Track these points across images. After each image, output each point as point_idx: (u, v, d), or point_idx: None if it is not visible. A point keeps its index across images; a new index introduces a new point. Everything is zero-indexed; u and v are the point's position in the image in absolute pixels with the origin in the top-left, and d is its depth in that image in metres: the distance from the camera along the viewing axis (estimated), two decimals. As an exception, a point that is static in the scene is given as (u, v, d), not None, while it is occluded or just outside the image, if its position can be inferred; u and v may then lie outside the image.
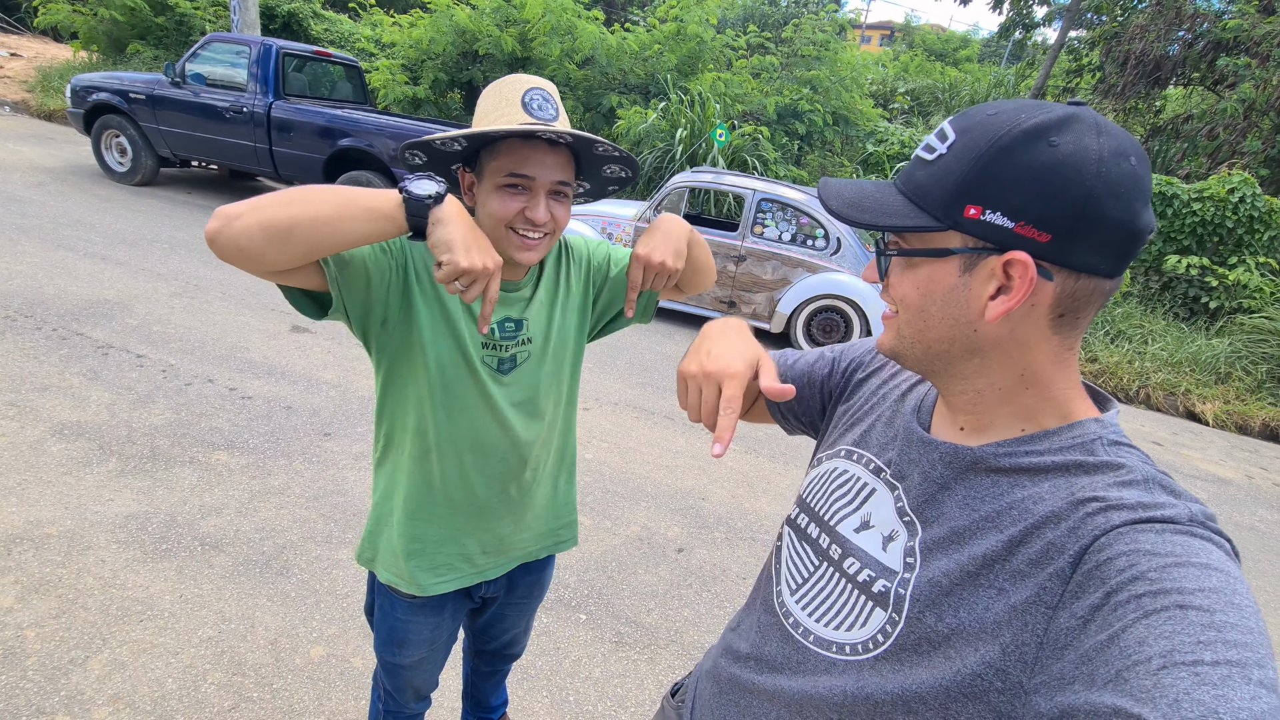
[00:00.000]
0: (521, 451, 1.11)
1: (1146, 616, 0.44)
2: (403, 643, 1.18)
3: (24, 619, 1.83)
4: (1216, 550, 0.48)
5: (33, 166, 6.48)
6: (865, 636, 0.60)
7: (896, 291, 0.60)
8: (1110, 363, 5.83)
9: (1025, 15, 13.78)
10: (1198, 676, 0.40)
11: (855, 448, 0.72)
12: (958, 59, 22.91)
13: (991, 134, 0.53)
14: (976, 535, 0.56)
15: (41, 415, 2.73)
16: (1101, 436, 0.56)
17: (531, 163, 0.92)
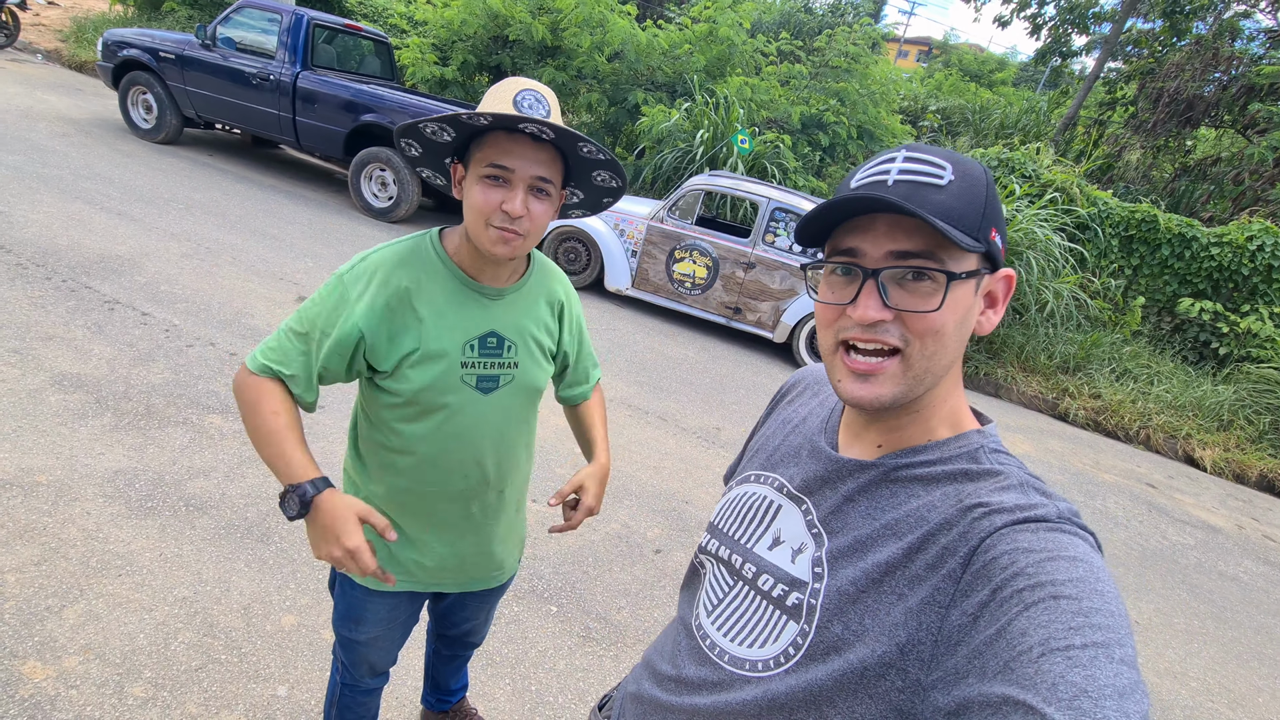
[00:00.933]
0: (487, 472, 1.13)
1: (1027, 609, 0.48)
2: (359, 620, 1.21)
3: (5, 563, 1.87)
4: (1082, 544, 0.53)
5: (59, 116, 6.55)
6: (778, 651, 0.62)
7: (943, 319, 0.58)
8: (1113, 400, 5.79)
9: (1063, 43, 13.64)
10: (1070, 660, 0.45)
11: (762, 470, 0.76)
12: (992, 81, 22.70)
13: (977, 165, 0.60)
14: (878, 543, 0.60)
15: (43, 364, 2.77)
16: (984, 445, 0.62)
17: (512, 155, 0.93)
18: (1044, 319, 6.40)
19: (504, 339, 1.08)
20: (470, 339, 1.04)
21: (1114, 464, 5.00)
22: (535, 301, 1.13)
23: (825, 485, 0.66)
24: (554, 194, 0.99)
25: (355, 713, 1.40)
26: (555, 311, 1.17)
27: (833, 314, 0.62)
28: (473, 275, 1.05)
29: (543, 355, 1.14)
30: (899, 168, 0.58)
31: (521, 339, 1.10)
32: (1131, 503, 4.34)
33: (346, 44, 6.83)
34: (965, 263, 0.58)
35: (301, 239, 5.06)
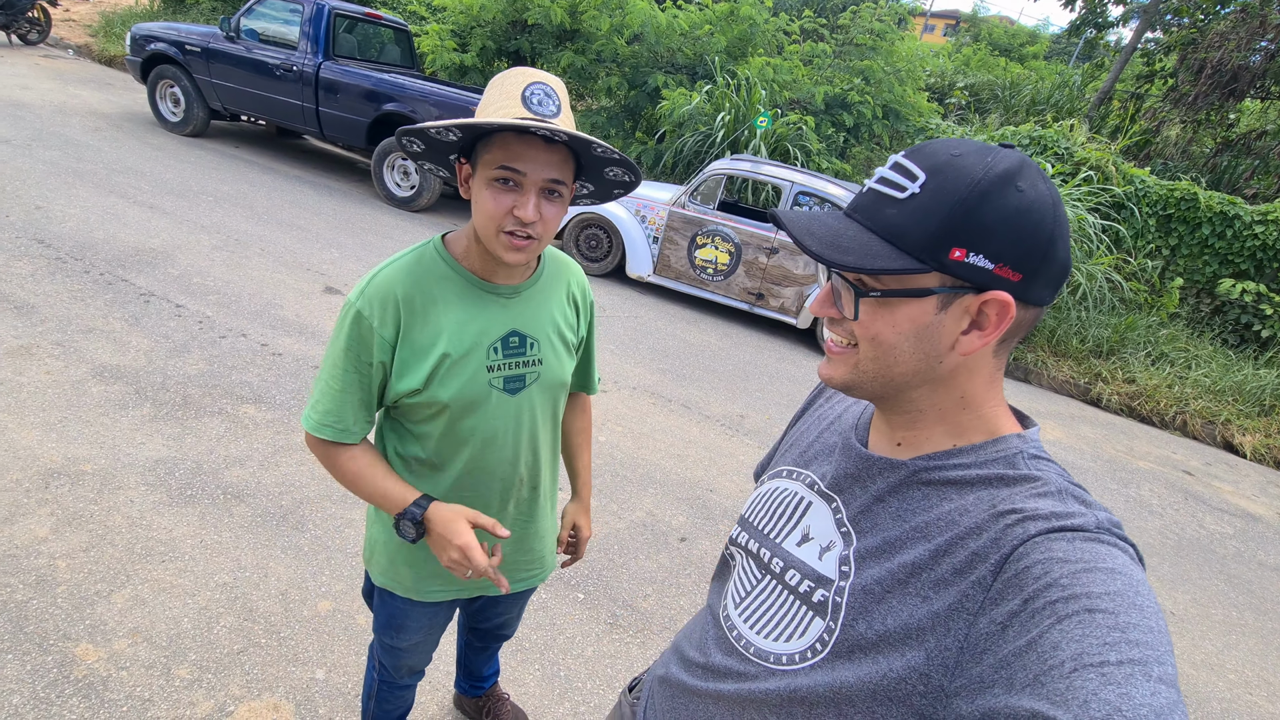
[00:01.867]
0: (521, 471, 1.14)
1: (1060, 622, 0.47)
2: (400, 628, 1.23)
3: (57, 549, 1.95)
4: (1121, 555, 0.51)
5: (91, 111, 6.69)
6: (804, 646, 0.63)
7: (868, 330, 0.60)
8: (1148, 385, 5.64)
9: (1098, 13, 13.13)
10: (1104, 677, 0.43)
11: (794, 466, 0.76)
12: (1023, 55, 21.96)
13: (968, 177, 0.55)
14: (906, 545, 0.59)
15: (85, 356, 2.86)
16: (1022, 451, 0.60)
17: (524, 158, 0.89)
18: (1076, 302, 6.23)
19: (526, 337, 1.06)
20: (493, 341, 1.03)
21: (1149, 450, 4.88)
22: (552, 295, 1.11)
23: (855, 483, 0.66)
24: (566, 194, 0.96)
25: (392, 704, 1.44)
26: (573, 303, 1.17)
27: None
28: (485, 277, 1.03)
29: (565, 349, 1.14)
30: (878, 175, 0.60)
31: (543, 335, 1.09)
32: (1167, 490, 4.24)
33: (367, 32, 6.85)
34: (910, 281, 0.57)
35: (327, 229, 5.12)
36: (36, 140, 5.41)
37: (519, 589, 1.29)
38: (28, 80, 7.26)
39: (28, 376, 2.65)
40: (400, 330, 0.98)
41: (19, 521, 2.01)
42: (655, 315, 5.16)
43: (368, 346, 0.98)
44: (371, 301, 0.97)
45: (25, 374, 2.66)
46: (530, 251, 0.96)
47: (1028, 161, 0.56)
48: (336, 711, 1.69)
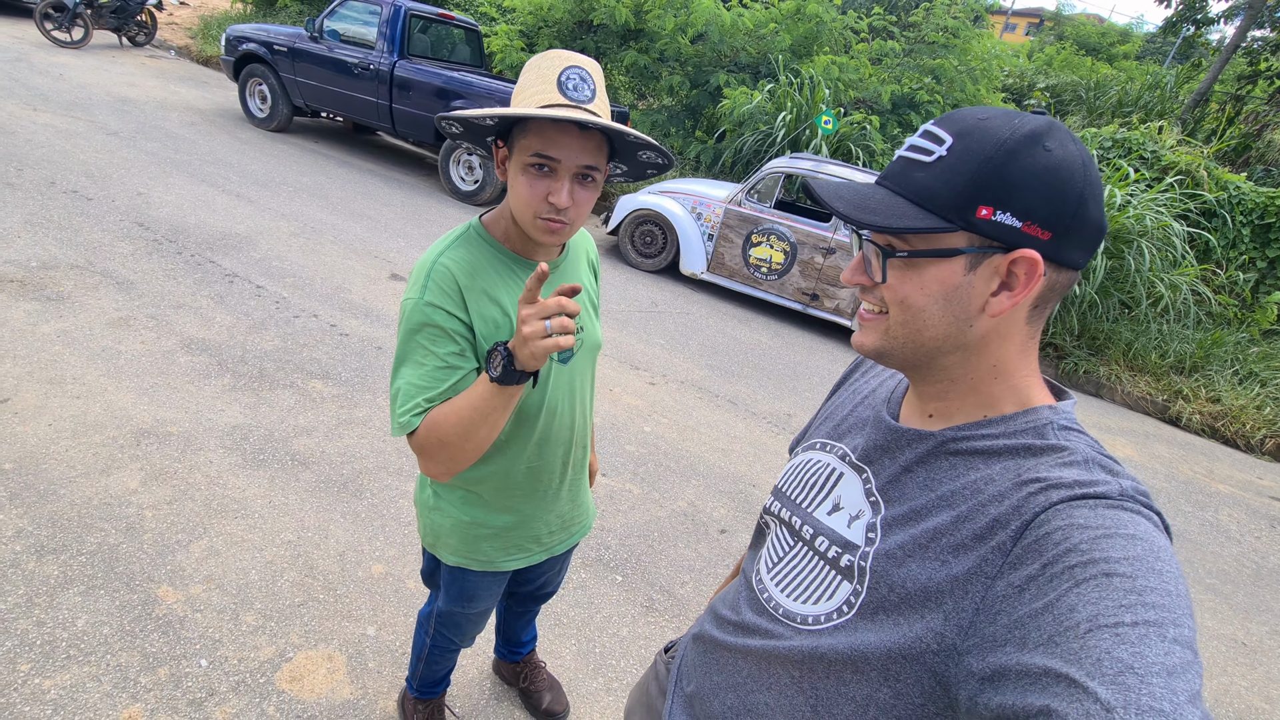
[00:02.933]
0: (575, 433, 1.20)
1: (1077, 585, 0.47)
2: (472, 598, 1.31)
3: (145, 500, 2.13)
4: (1144, 522, 0.51)
5: (188, 107, 7.21)
6: (831, 608, 0.65)
7: (896, 293, 0.60)
8: (1234, 405, 5.26)
9: (1197, 9, 12.27)
10: (1118, 636, 0.43)
11: (827, 439, 0.78)
12: (1113, 55, 20.75)
13: (995, 138, 0.55)
14: (931, 513, 0.60)
15: (175, 329, 3.10)
16: (1053, 421, 0.60)
17: (559, 145, 0.90)
18: (1156, 314, 5.87)
19: None
20: None
21: (1230, 474, 4.56)
22: (579, 263, 1.18)
23: (884, 454, 0.68)
24: (599, 178, 0.97)
25: (442, 664, 1.53)
26: (591, 268, 1.24)
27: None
28: (527, 255, 1.06)
29: (594, 312, 1.22)
30: (908, 143, 0.61)
31: (580, 302, 1.14)
32: (1248, 516, 3.95)
33: (440, 33, 7.12)
34: (938, 241, 0.57)
35: (395, 220, 5.36)
36: (140, 133, 5.87)
37: (574, 542, 1.36)
38: (135, 78, 7.88)
39: (125, 345, 2.90)
40: (468, 312, 0.99)
41: (114, 474, 2.21)
42: (707, 312, 5.16)
43: (454, 331, 0.97)
44: (436, 292, 0.97)
45: (124, 343, 2.91)
46: (564, 234, 0.98)
47: (1056, 124, 0.56)
48: (384, 666, 1.79)
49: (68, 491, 2.10)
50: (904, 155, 0.61)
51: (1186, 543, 3.48)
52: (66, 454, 2.24)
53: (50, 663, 1.60)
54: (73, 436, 2.32)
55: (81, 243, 3.68)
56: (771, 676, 0.68)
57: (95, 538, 1.96)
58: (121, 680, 1.60)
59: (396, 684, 1.75)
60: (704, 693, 0.77)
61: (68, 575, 1.83)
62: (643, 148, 0.99)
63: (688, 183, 5.91)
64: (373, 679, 1.75)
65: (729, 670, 0.74)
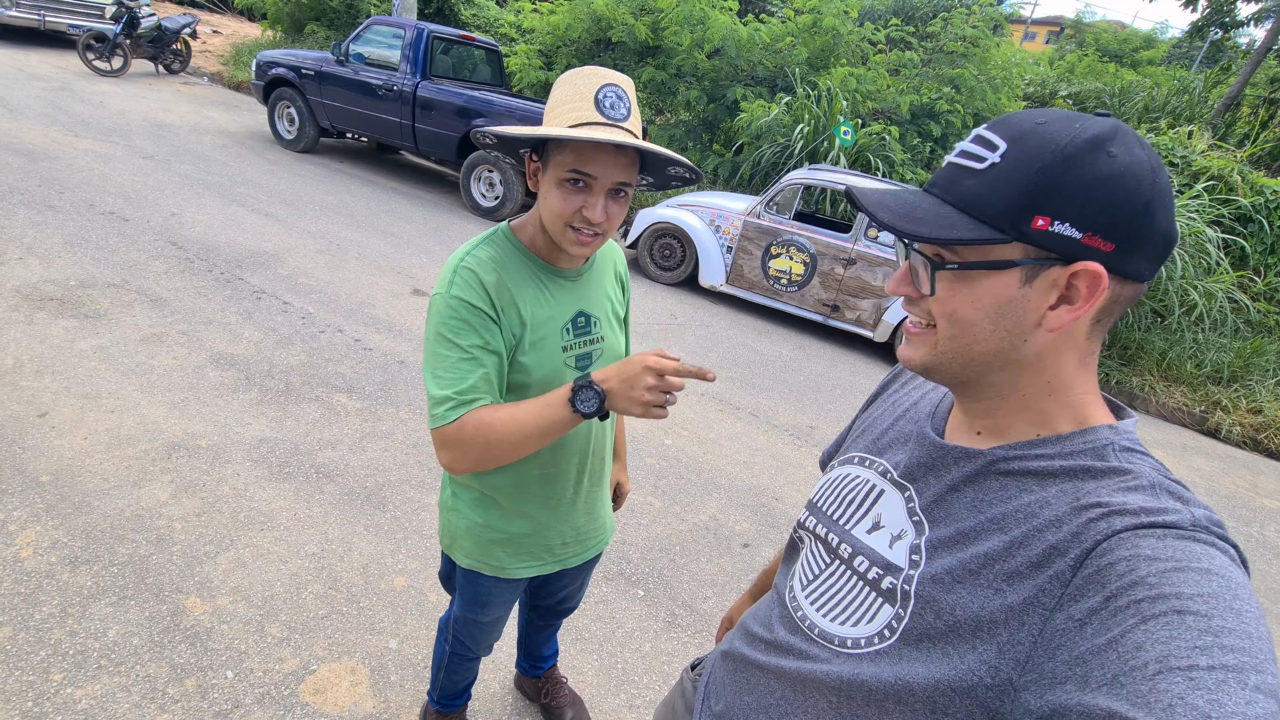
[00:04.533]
0: (592, 444, 1.20)
1: (1145, 622, 0.44)
2: (485, 604, 1.31)
3: (175, 512, 2.17)
4: (1220, 555, 0.47)
5: (220, 130, 7.44)
6: (872, 631, 0.61)
7: (946, 306, 0.57)
8: (1278, 417, 5.07)
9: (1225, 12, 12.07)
10: (1193, 681, 0.40)
11: (866, 454, 0.74)
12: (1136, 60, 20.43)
13: (1053, 143, 0.52)
14: (981, 536, 0.57)
15: (205, 345, 3.17)
16: (1114, 442, 0.56)
17: (595, 163, 0.92)
18: (1192, 322, 5.71)
19: (590, 316, 1.13)
20: (564, 323, 1.09)
21: (1276, 488, 4.38)
22: (604, 274, 1.18)
23: (929, 472, 0.64)
24: (630, 192, 0.99)
25: (460, 674, 1.52)
26: (619, 281, 1.24)
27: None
28: (552, 262, 1.08)
29: (618, 324, 1.21)
30: (958, 149, 0.58)
31: (602, 313, 1.15)
32: (1297, 532, 3.79)
33: (461, 54, 7.27)
34: (991, 253, 0.55)
35: (417, 236, 5.45)
36: (174, 156, 6.07)
37: (589, 556, 1.34)
38: (170, 104, 8.17)
39: (158, 360, 2.97)
40: (497, 310, 1.00)
41: (145, 486, 2.25)
42: (727, 325, 5.14)
43: (485, 327, 0.98)
44: (465, 288, 0.98)
45: (156, 358, 2.98)
46: (595, 246, 1.01)
47: (1123, 126, 0.52)
48: (406, 680, 1.78)
49: (101, 504, 2.14)
50: (954, 161, 0.57)
51: (1230, 559, 3.35)
52: (100, 467, 2.29)
53: (82, 673, 1.63)
54: (107, 450, 2.37)
55: (118, 262, 3.79)
56: (808, 700, 0.65)
57: (126, 549, 2.00)
58: (150, 691, 1.62)
59: (419, 698, 1.74)
60: (733, 713, 0.74)
61: (100, 586, 1.86)
62: (673, 164, 1.01)
63: (706, 195, 5.92)
64: (395, 692, 1.74)
65: (761, 691, 0.71)
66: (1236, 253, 6.32)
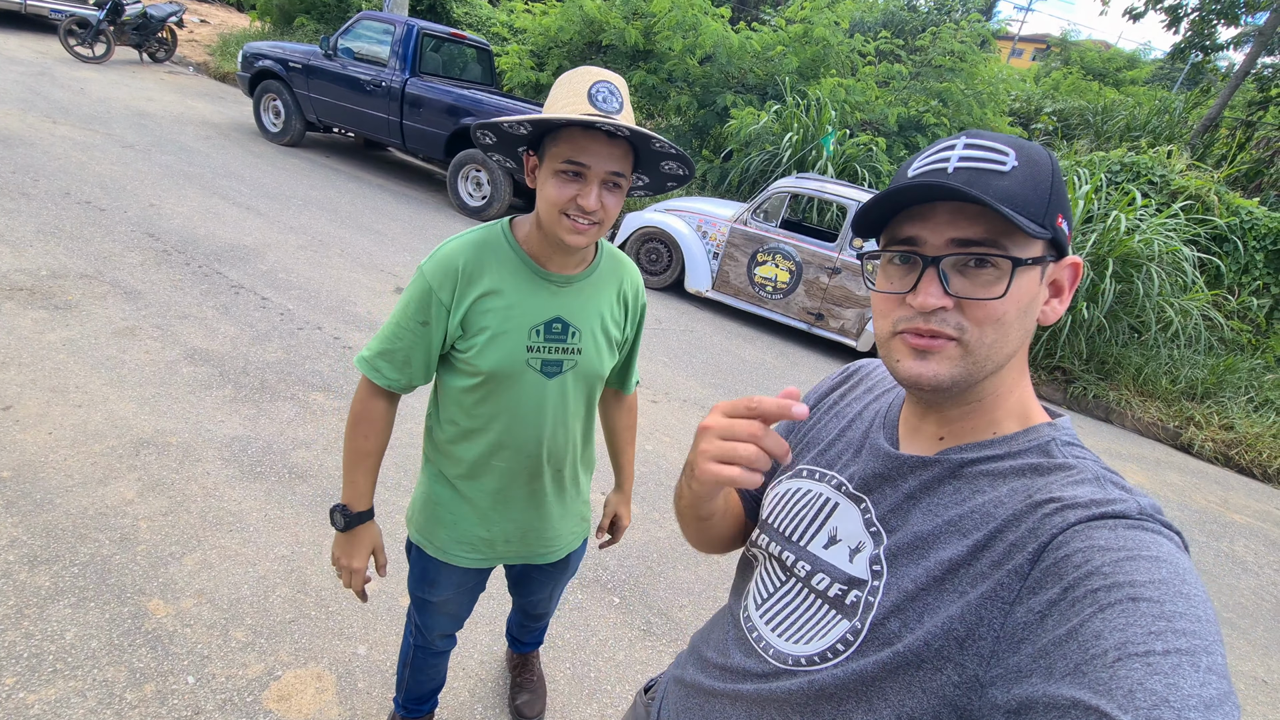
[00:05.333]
0: (546, 451, 1.18)
1: (1102, 610, 0.45)
2: (433, 584, 1.30)
3: (140, 511, 2.12)
4: (1166, 542, 0.49)
5: (204, 121, 7.33)
6: (824, 647, 0.61)
7: (999, 308, 0.56)
8: (1249, 433, 5.17)
9: (1206, 35, 12.32)
10: (1150, 666, 0.42)
11: (814, 466, 0.73)
12: (1119, 80, 20.82)
13: (1042, 152, 0.58)
14: (940, 541, 0.57)
15: (179, 339, 3.11)
16: (1055, 438, 0.59)
17: (588, 152, 0.95)
18: (1168, 339, 5.81)
19: (569, 325, 1.11)
20: (536, 324, 1.08)
21: (1246, 504, 4.46)
22: (603, 290, 1.15)
23: (885, 483, 0.64)
24: (624, 184, 1.01)
25: (426, 673, 1.49)
26: (624, 302, 1.20)
27: (891, 303, 0.61)
28: (541, 263, 1.09)
29: (608, 344, 1.17)
30: (959, 154, 0.57)
31: (587, 326, 1.12)
32: (1266, 548, 3.86)
33: (452, 51, 7.23)
34: (1030, 249, 0.57)
35: (402, 234, 5.39)
36: (156, 146, 5.97)
37: (535, 561, 1.33)
38: (153, 93, 8.03)
39: (130, 355, 2.90)
40: (455, 297, 1.06)
41: (111, 484, 2.20)
42: (711, 330, 5.15)
43: (425, 308, 1.07)
44: (436, 269, 1.06)
45: (128, 353, 2.92)
46: (590, 235, 1.01)
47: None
48: (374, 687, 1.75)
49: (64, 501, 2.08)
50: (966, 166, 0.56)
51: (1202, 574, 3.39)
52: (65, 463, 2.23)
53: (36, 676, 1.58)
54: (72, 445, 2.31)
55: (92, 252, 3.71)
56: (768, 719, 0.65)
57: (89, 548, 1.94)
58: (107, 696, 1.57)
59: (386, 705, 1.71)
60: None
61: (59, 586, 1.81)
62: (665, 158, 1.03)
63: (694, 201, 5.93)
64: (362, 700, 1.71)
65: (716, 717, 0.70)
66: (1212, 271, 6.45)
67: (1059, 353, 5.72)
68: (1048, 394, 5.67)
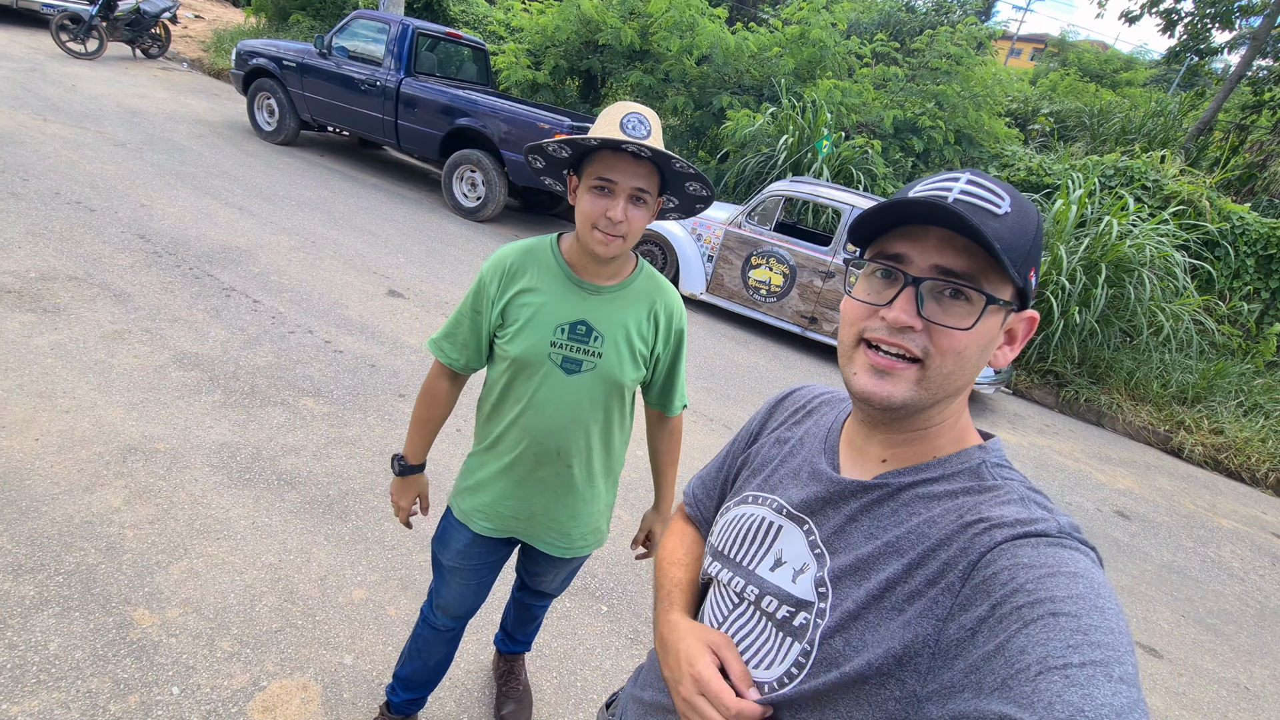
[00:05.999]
0: (558, 443, 1.27)
1: (1026, 626, 0.48)
2: (445, 544, 1.43)
3: (127, 519, 2.11)
4: (1083, 558, 0.53)
5: (197, 119, 7.29)
6: (781, 671, 0.64)
7: (963, 341, 0.59)
8: (1238, 437, 5.21)
9: (1201, 39, 12.36)
10: (1068, 679, 0.45)
11: (759, 492, 0.76)
12: (1116, 81, 20.87)
13: (1032, 207, 0.61)
14: (880, 561, 0.60)
15: (168, 343, 3.10)
16: (985, 460, 0.63)
17: (616, 170, 1.10)
18: (1159, 344, 5.84)
19: (593, 329, 1.23)
20: (563, 323, 1.22)
21: (1234, 509, 4.49)
22: (633, 305, 1.26)
23: (827, 506, 0.67)
24: (650, 202, 1.14)
25: (428, 651, 1.54)
26: (654, 321, 1.29)
27: (862, 312, 0.63)
28: (577, 271, 1.24)
29: (630, 354, 1.26)
30: (961, 188, 0.59)
31: (610, 333, 1.23)
32: (1252, 553, 3.89)
33: (447, 51, 7.20)
34: (1003, 292, 0.60)
35: (396, 235, 5.38)
36: (147, 144, 5.93)
37: (541, 549, 1.41)
38: (146, 90, 7.99)
39: (118, 359, 2.89)
40: (500, 290, 1.24)
41: (97, 491, 2.19)
42: (705, 333, 5.15)
43: (479, 298, 1.27)
44: (490, 266, 1.26)
45: (116, 356, 2.91)
46: (617, 247, 1.14)
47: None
48: (360, 697, 1.75)
49: (49, 509, 2.08)
50: (969, 201, 0.59)
51: (1187, 580, 3.42)
52: (51, 470, 2.22)
53: (19, 688, 1.57)
54: (58, 452, 2.31)
55: (82, 254, 3.69)
56: None
57: (74, 557, 1.94)
58: (90, 708, 1.57)
59: (372, 715, 1.71)
60: None
61: (43, 596, 1.81)
62: (688, 178, 1.16)
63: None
64: (347, 711, 1.71)
65: None
66: (1204, 276, 6.48)
67: (1051, 356, 5.75)
68: (1040, 398, 5.69)
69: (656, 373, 1.35)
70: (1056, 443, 4.86)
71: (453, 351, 1.32)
